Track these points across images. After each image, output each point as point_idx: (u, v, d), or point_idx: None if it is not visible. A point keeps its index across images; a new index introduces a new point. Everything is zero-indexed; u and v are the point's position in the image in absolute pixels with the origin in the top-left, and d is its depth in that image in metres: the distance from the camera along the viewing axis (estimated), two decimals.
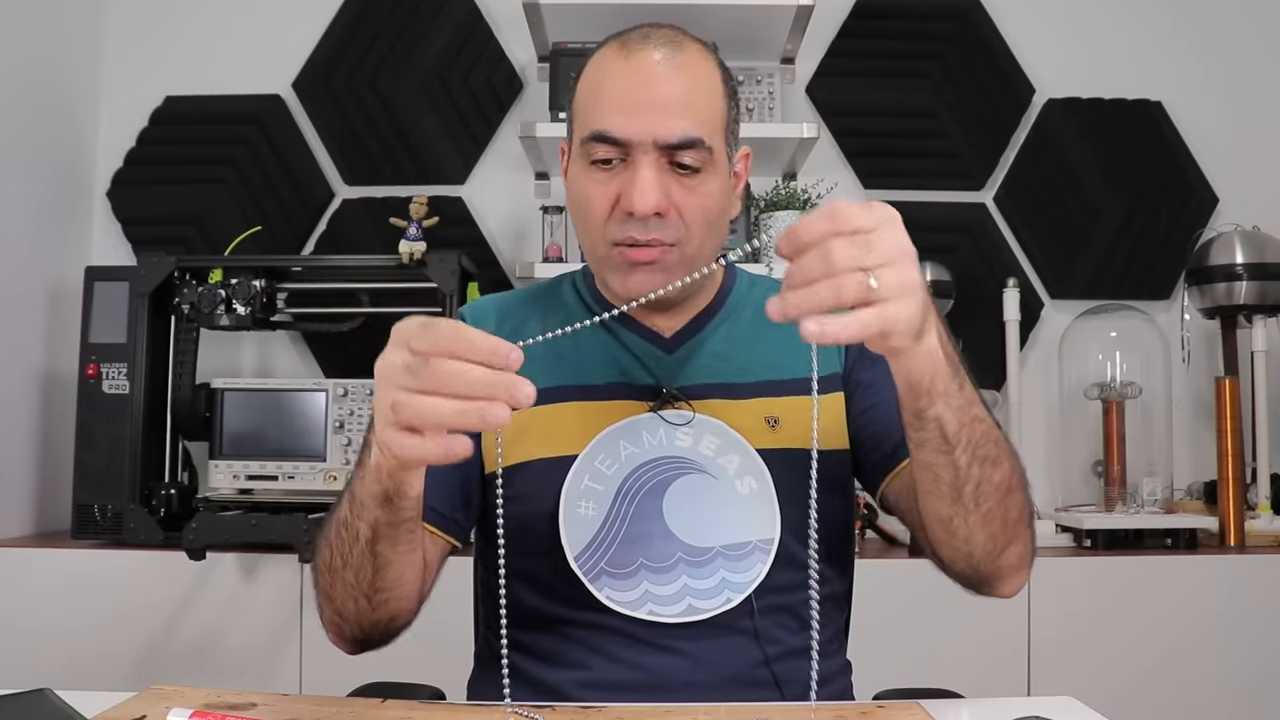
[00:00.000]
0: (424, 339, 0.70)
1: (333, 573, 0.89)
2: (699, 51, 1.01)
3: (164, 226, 2.42)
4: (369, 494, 0.81)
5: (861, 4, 2.50)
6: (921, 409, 0.81)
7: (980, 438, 0.84)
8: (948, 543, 0.90)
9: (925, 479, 0.88)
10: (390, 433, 0.71)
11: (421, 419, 0.69)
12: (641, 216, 0.94)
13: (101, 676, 1.86)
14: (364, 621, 0.92)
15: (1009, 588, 0.94)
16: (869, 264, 0.69)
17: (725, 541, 0.98)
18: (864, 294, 0.69)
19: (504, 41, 2.47)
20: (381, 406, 0.71)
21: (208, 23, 2.50)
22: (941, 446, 0.83)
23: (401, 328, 0.72)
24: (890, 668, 1.13)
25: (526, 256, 2.38)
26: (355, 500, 0.84)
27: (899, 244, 0.72)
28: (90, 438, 2.04)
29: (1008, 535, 0.89)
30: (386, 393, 0.70)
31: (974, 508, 0.86)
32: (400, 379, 0.70)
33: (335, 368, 2.39)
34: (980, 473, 0.84)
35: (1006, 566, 0.91)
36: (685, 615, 0.96)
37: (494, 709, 0.86)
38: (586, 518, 0.99)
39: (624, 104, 0.95)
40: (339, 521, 0.87)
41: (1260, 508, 2.15)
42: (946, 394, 0.80)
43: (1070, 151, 2.46)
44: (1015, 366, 2.32)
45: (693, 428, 1.01)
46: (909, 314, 0.72)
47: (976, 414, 0.83)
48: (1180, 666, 1.94)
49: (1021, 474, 0.89)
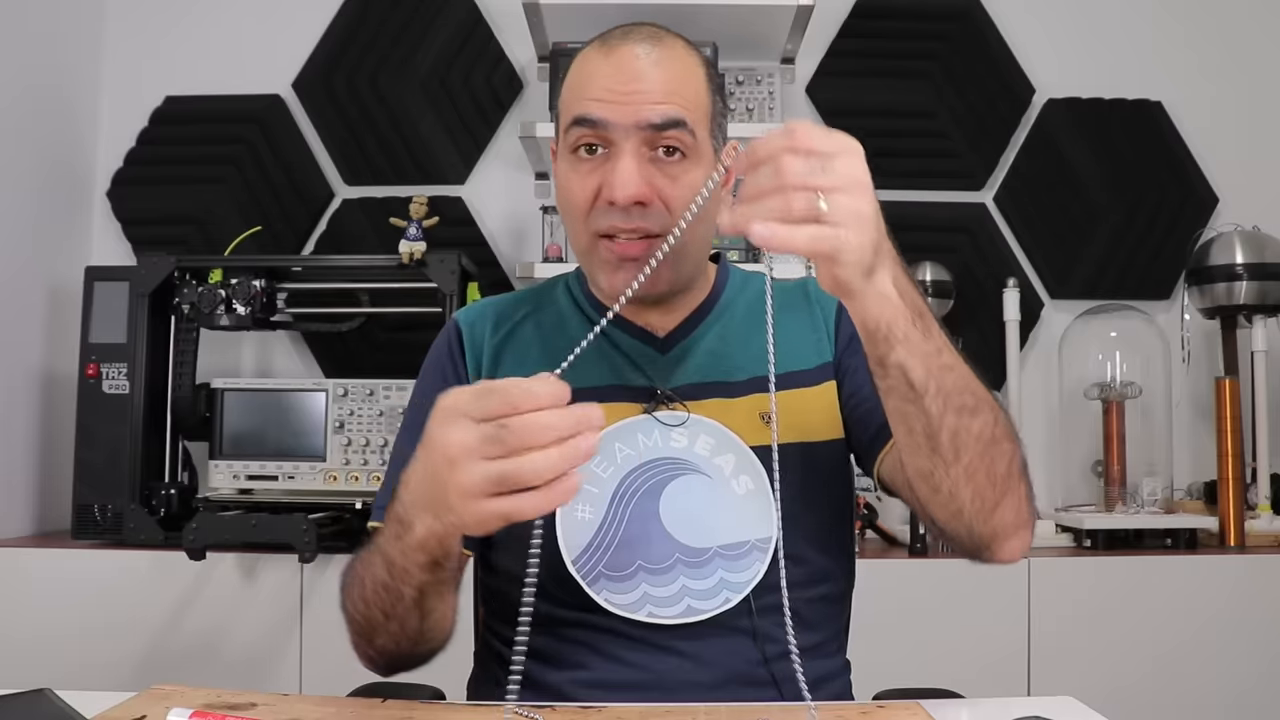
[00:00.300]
0: (489, 405, 0.70)
1: (372, 624, 0.90)
2: (682, 46, 1.01)
3: (164, 226, 2.42)
4: (414, 563, 0.82)
5: (861, 4, 2.50)
6: (882, 355, 0.81)
7: (953, 387, 0.82)
8: (935, 500, 0.88)
9: (900, 432, 0.86)
10: (496, 503, 0.71)
11: (537, 475, 0.70)
12: (623, 205, 0.94)
13: (101, 676, 1.86)
14: (405, 657, 0.95)
15: (1008, 551, 0.91)
16: (822, 184, 0.71)
17: (723, 541, 0.98)
18: (812, 212, 0.71)
19: (504, 41, 2.47)
20: (471, 483, 0.70)
21: (208, 23, 2.50)
22: (908, 394, 0.82)
23: (449, 405, 0.73)
24: (890, 668, 1.13)
25: (526, 256, 2.38)
26: (395, 567, 0.84)
27: (854, 173, 0.73)
28: (90, 438, 2.04)
29: (996, 491, 0.86)
30: (473, 468, 0.70)
31: (954, 459, 0.84)
32: (485, 450, 0.70)
33: (335, 368, 2.39)
34: (956, 421, 0.82)
35: (1002, 526, 0.88)
36: (684, 616, 0.96)
37: (494, 709, 0.86)
38: (583, 521, 0.98)
39: (605, 92, 0.95)
40: (376, 582, 0.87)
41: (1260, 508, 2.15)
42: (907, 340, 0.79)
43: (1070, 151, 2.46)
44: (1015, 366, 2.32)
45: (687, 428, 1.01)
46: (858, 243, 0.73)
47: (946, 362, 0.82)
48: (1180, 666, 1.94)
49: (1008, 428, 0.87)
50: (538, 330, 1.09)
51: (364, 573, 0.89)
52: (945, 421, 0.82)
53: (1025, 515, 0.90)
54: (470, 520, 0.73)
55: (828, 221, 0.71)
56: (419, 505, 0.78)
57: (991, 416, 0.85)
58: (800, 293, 1.11)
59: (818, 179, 0.71)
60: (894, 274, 0.79)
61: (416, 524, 0.78)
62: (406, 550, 0.81)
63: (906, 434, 0.86)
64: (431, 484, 0.75)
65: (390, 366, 2.24)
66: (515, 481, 0.70)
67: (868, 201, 0.73)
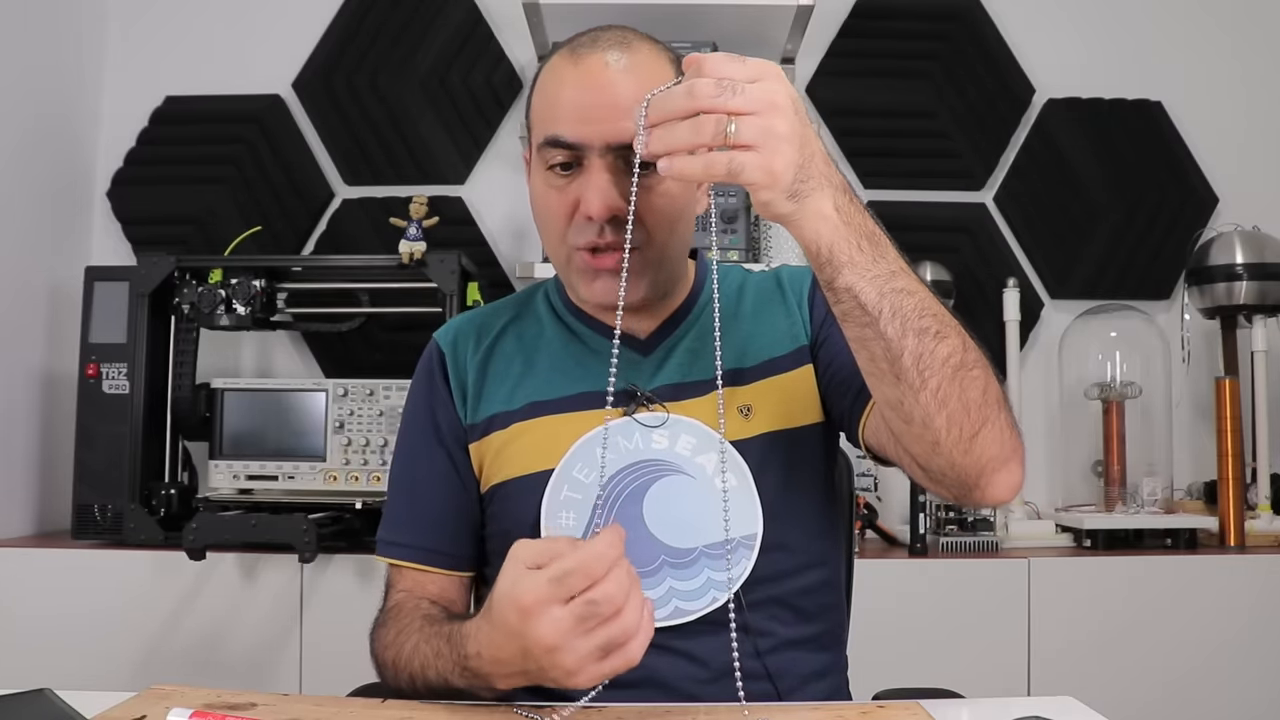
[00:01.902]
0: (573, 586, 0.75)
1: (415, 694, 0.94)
2: (650, 50, 1.00)
3: (164, 226, 2.42)
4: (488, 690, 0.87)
5: (861, 4, 2.50)
6: (829, 280, 0.81)
7: (911, 310, 0.81)
8: (909, 434, 0.86)
9: (862, 358, 0.85)
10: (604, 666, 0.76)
11: (632, 632, 0.75)
12: (598, 220, 0.95)
13: (101, 676, 1.86)
14: None
15: (999, 486, 0.88)
16: (732, 108, 0.72)
17: (708, 540, 0.98)
18: (719, 137, 0.72)
19: (504, 41, 2.47)
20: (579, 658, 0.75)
21: (208, 23, 2.50)
22: (862, 318, 0.81)
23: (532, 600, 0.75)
24: (890, 668, 1.13)
25: (526, 256, 2.38)
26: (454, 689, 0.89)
27: (769, 96, 0.74)
28: (90, 438, 2.04)
29: (972, 418, 0.84)
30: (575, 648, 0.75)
31: (920, 384, 0.82)
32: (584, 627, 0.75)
33: (335, 368, 2.39)
34: (919, 344, 0.81)
35: (985, 457, 0.85)
36: (673, 618, 0.96)
37: (494, 709, 0.86)
38: (568, 528, 0.99)
39: (575, 109, 0.96)
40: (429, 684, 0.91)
41: (1260, 508, 2.15)
42: (853, 263, 0.79)
43: (1070, 151, 2.46)
44: (1015, 366, 2.32)
45: (668, 429, 1.01)
46: (767, 164, 0.74)
47: (902, 285, 0.81)
48: (1180, 666, 1.94)
49: (979, 354, 0.85)
50: (519, 343, 1.10)
51: (414, 673, 0.93)
52: (906, 344, 0.81)
53: (1011, 445, 0.87)
54: (580, 684, 0.77)
55: (735, 145, 0.73)
56: (505, 675, 0.82)
57: (959, 341, 0.83)
58: (773, 282, 1.12)
59: (727, 102, 0.72)
60: (835, 199, 0.79)
61: (500, 683, 0.84)
62: (479, 689, 0.87)
63: (869, 360, 0.84)
64: (528, 660, 0.78)
65: (390, 366, 2.24)
66: (618, 643, 0.75)
67: (783, 122, 0.74)
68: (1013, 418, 0.89)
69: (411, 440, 1.11)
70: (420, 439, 1.09)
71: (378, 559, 1.08)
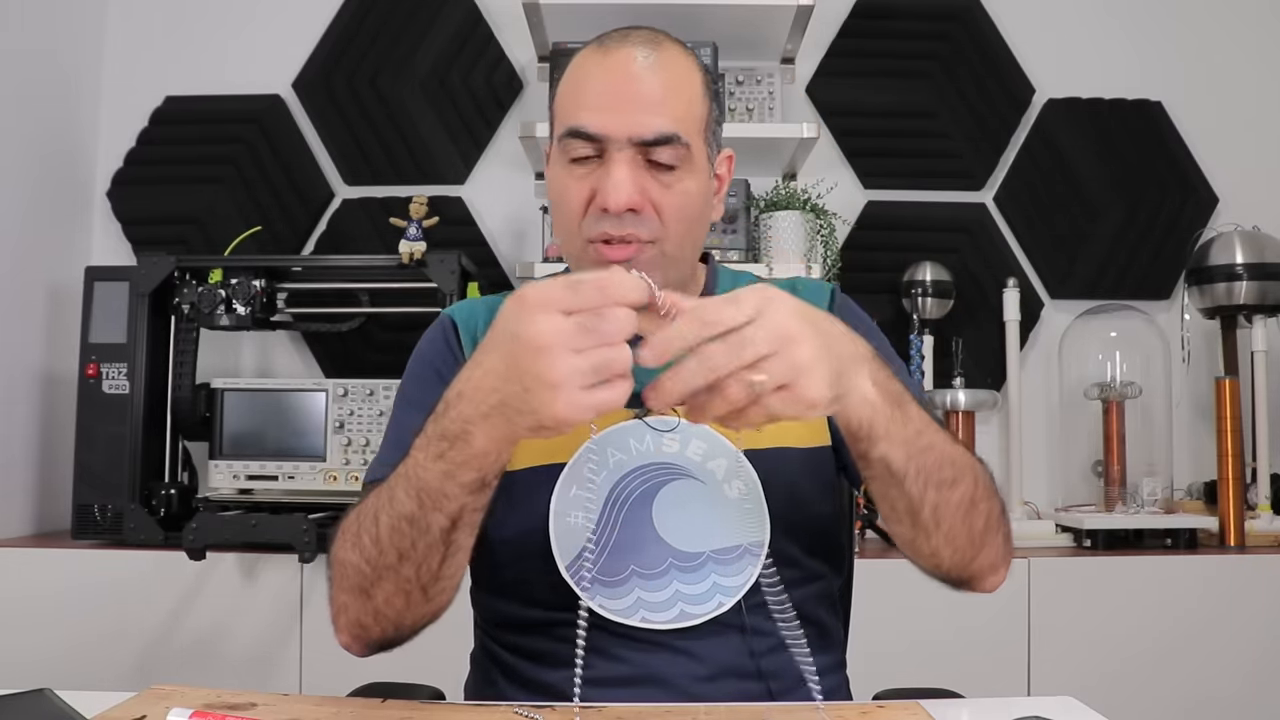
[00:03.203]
0: (585, 297, 0.70)
1: (381, 569, 0.85)
2: (678, 51, 1.00)
3: (164, 226, 2.42)
4: (460, 484, 0.79)
5: (861, 4, 2.50)
6: (865, 451, 0.82)
7: (933, 465, 0.84)
8: (918, 559, 0.93)
9: (882, 506, 0.89)
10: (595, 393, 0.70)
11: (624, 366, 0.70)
12: (616, 212, 0.94)
13: (101, 676, 1.86)
14: (408, 617, 0.89)
15: (987, 585, 0.96)
16: (749, 360, 0.70)
17: (715, 546, 0.98)
18: (751, 395, 0.71)
19: (504, 41, 2.47)
20: (568, 372, 0.69)
21: (208, 23, 2.50)
22: (890, 480, 0.84)
23: (537, 298, 0.70)
24: (890, 668, 1.13)
25: (526, 256, 2.38)
26: (429, 492, 0.80)
27: (777, 330, 0.72)
28: (90, 438, 2.04)
29: (974, 547, 0.90)
30: (565, 358, 0.69)
31: (935, 529, 0.87)
32: (578, 341, 0.69)
33: (335, 368, 2.39)
34: (937, 496, 0.85)
35: (980, 570, 0.93)
36: (677, 621, 0.96)
37: (494, 709, 0.86)
38: (576, 527, 0.98)
39: (600, 100, 0.95)
40: (397, 516, 0.82)
41: (1260, 508, 2.15)
42: (889, 435, 0.81)
43: (1070, 151, 2.46)
44: (1015, 366, 2.32)
45: (679, 433, 1.01)
46: (801, 398, 0.72)
47: (926, 443, 0.84)
48: (1180, 666, 1.94)
49: (987, 484, 0.90)
50: None
51: (377, 511, 0.85)
52: (926, 498, 0.85)
53: (1003, 555, 0.94)
54: (560, 413, 0.70)
55: (769, 393, 0.71)
56: (484, 413, 0.75)
57: (971, 481, 0.88)
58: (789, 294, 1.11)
59: (743, 357, 0.70)
60: (871, 373, 0.79)
61: (476, 435, 0.76)
62: (453, 468, 0.78)
63: (889, 510, 0.88)
64: (509, 380, 0.72)
65: (390, 366, 2.23)
66: (610, 370, 0.69)
67: (805, 348, 0.72)
68: (1008, 529, 0.95)
69: (413, 393, 1.08)
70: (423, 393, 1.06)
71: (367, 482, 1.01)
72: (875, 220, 2.42)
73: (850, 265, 2.32)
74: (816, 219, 2.24)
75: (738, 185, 2.22)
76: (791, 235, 2.16)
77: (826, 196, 2.29)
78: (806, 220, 2.19)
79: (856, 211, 2.43)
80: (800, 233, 2.17)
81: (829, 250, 2.24)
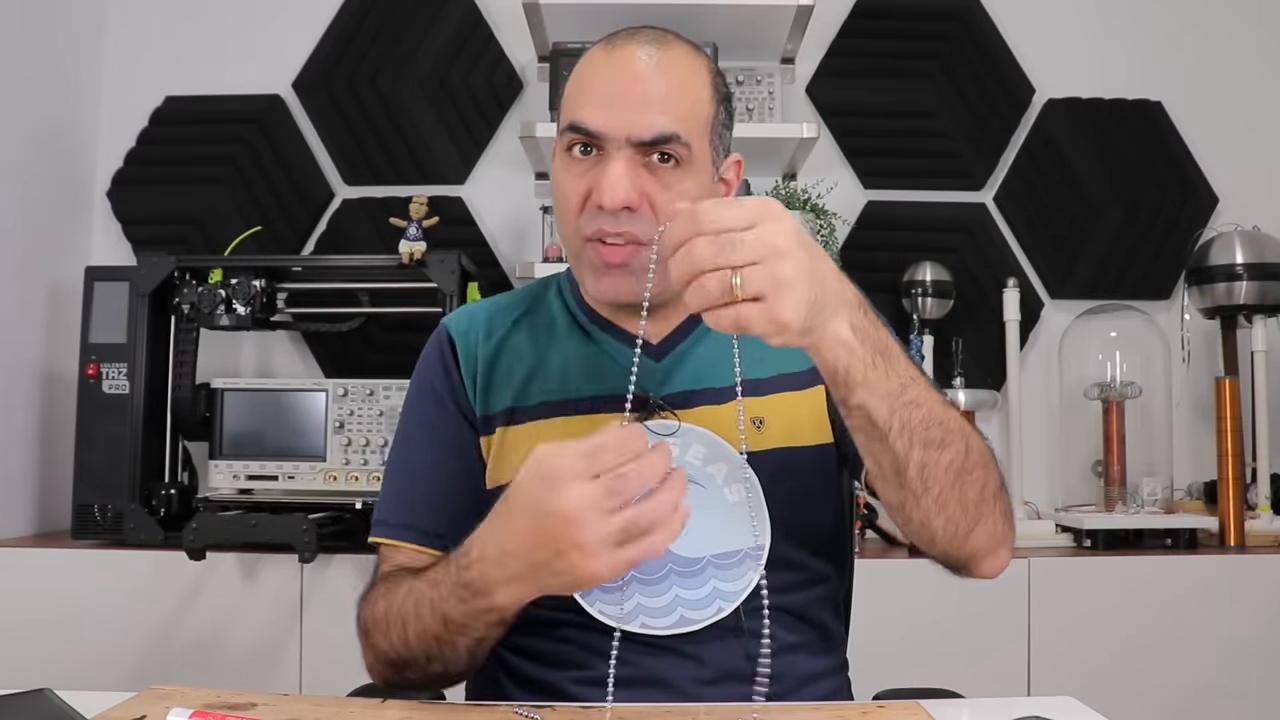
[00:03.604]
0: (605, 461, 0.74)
1: (411, 663, 0.92)
2: (686, 50, 1.00)
3: (164, 226, 2.42)
4: (484, 624, 0.86)
5: (861, 4, 2.50)
6: (844, 398, 0.82)
7: (919, 422, 0.83)
8: (908, 529, 0.90)
9: (870, 465, 0.88)
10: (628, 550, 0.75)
11: (659, 517, 0.74)
12: (610, 210, 0.94)
13: (101, 676, 1.86)
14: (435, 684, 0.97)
15: (987, 569, 0.94)
16: (734, 263, 0.71)
17: (715, 551, 0.98)
18: (728, 294, 0.71)
19: (504, 41, 2.47)
20: (602, 537, 0.74)
21: (208, 23, 2.50)
22: (872, 433, 0.83)
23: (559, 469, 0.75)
24: (890, 668, 1.13)
25: (526, 256, 2.38)
26: (453, 624, 0.87)
27: (770, 240, 0.72)
28: (90, 438, 2.04)
29: (969, 518, 0.88)
30: (599, 523, 0.74)
31: (923, 491, 0.85)
32: (608, 504, 0.74)
33: (335, 368, 2.39)
34: (924, 455, 0.84)
35: (977, 549, 0.91)
36: (677, 627, 0.96)
37: (494, 709, 0.86)
38: None
39: (602, 98, 0.95)
40: (425, 633, 0.89)
41: (1260, 508, 2.15)
42: (868, 383, 0.80)
43: (1070, 151, 2.46)
44: (1015, 366, 2.31)
45: (679, 437, 1.00)
46: (772, 314, 0.72)
47: (911, 398, 0.83)
48: (1180, 666, 1.94)
49: (982, 453, 0.88)
50: (531, 337, 1.08)
51: (406, 616, 0.90)
52: (912, 456, 0.84)
53: (1002, 535, 0.92)
54: (596, 574, 0.75)
55: (746, 299, 0.72)
56: (508, 577, 0.80)
57: (962, 446, 0.86)
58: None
59: (729, 258, 0.71)
60: (851, 318, 0.79)
61: (499, 594, 0.81)
62: (476, 614, 0.85)
63: (875, 467, 0.87)
64: (538, 548, 0.77)
65: (390, 366, 2.24)
66: (644, 526, 0.73)
67: (788, 266, 0.73)
68: (1007, 506, 0.93)
69: (415, 419, 1.08)
70: (425, 418, 1.06)
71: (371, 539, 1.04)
72: (875, 220, 2.42)
73: (850, 265, 2.32)
74: (816, 219, 2.24)
75: None
76: None
77: (826, 196, 2.29)
78: (806, 220, 2.19)
79: (856, 211, 2.43)
80: None
81: (829, 250, 2.24)
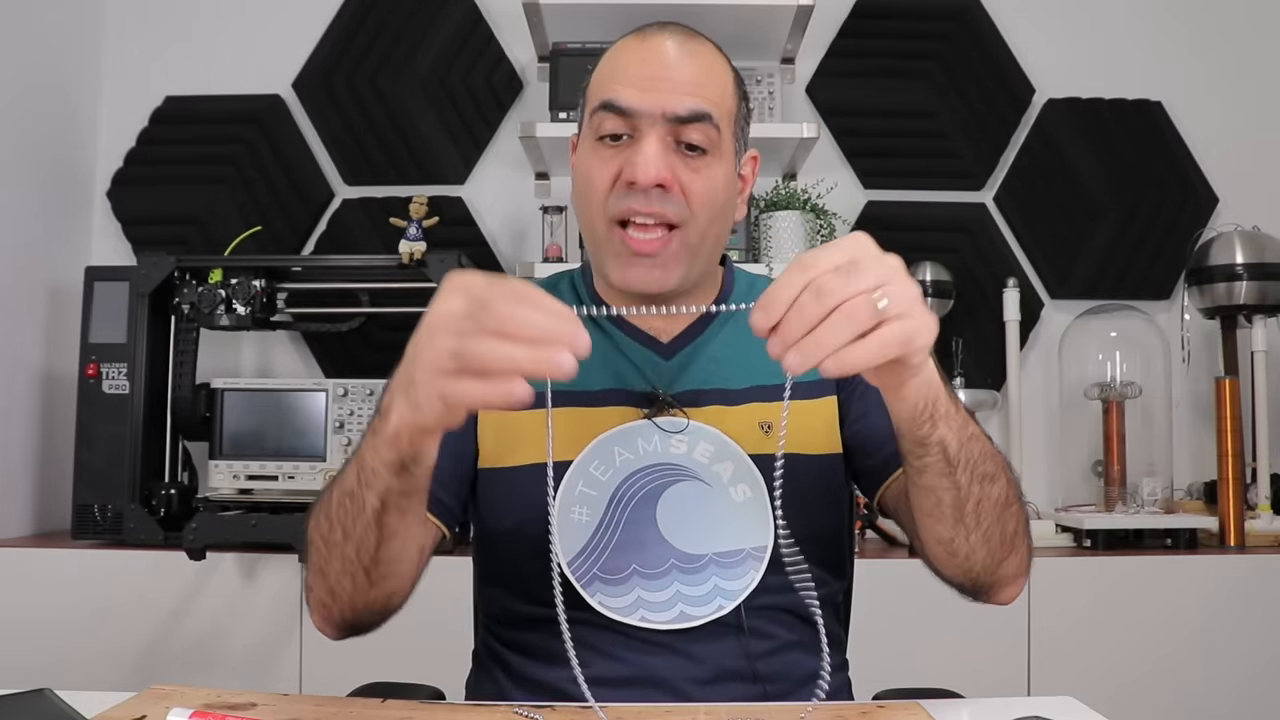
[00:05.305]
0: (490, 287, 0.67)
1: (330, 546, 0.85)
2: (712, 47, 1.03)
3: (164, 226, 2.42)
4: (383, 462, 0.78)
5: (861, 4, 2.50)
6: (924, 436, 0.81)
7: (978, 456, 0.84)
8: (949, 562, 0.91)
9: (928, 503, 0.87)
10: (447, 381, 0.67)
11: (497, 360, 0.65)
12: (644, 186, 0.94)
13: (101, 676, 1.86)
14: (358, 600, 0.88)
15: (1006, 596, 0.95)
16: (868, 285, 0.68)
17: (718, 549, 0.98)
18: (875, 315, 0.67)
19: (504, 41, 2.47)
20: (435, 354, 0.67)
21: (208, 23, 2.50)
22: (944, 470, 0.83)
23: (460, 278, 0.69)
24: (890, 668, 1.13)
25: (526, 256, 2.38)
26: (365, 469, 0.80)
27: (886, 263, 0.70)
28: (90, 438, 2.04)
29: (1005, 549, 0.89)
30: (443, 340, 0.67)
31: (975, 526, 0.86)
32: (459, 324, 0.66)
33: (335, 368, 2.39)
34: (980, 490, 0.85)
35: (1004, 577, 0.92)
36: (677, 622, 0.96)
37: (494, 709, 0.86)
38: (580, 523, 0.98)
39: (636, 79, 0.97)
40: (343, 492, 0.83)
41: (1260, 508, 2.15)
42: (948, 417, 0.80)
43: (1070, 151, 2.46)
44: (1015, 366, 2.32)
45: (687, 435, 1.00)
46: (918, 327, 0.70)
47: (973, 431, 0.84)
48: (1180, 666, 1.94)
49: (1016, 486, 0.90)
50: None
51: (334, 486, 0.85)
52: (972, 491, 0.84)
53: (1025, 566, 0.94)
54: (422, 398, 0.69)
55: (892, 318, 0.68)
56: (397, 386, 0.75)
57: (1005, 479, 0.87)
58: None
59: (860, 282, 0.67)
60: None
61: (392, 411, 0.75)
62: (378, 445, 0.77)
63: (935, 505, 0.86)
64: (407, 360, 0.72)
65: (390, 366, 2.22)
66: (470, 360, 0.66)
67: (913, 284, 0.71)
68: (1030, 537, 0.93)
69: None
70: None
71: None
72: (875, 220, 2.41)
73: None
74: (816, 219, 2.24)
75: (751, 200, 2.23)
76: (791, 235, 2.16)
77: (826, 196, 2.29)
78: (806, 220, 2.19)
79: (856, 211, 2.43)
80: (800, 233, 2.17)
81: None
